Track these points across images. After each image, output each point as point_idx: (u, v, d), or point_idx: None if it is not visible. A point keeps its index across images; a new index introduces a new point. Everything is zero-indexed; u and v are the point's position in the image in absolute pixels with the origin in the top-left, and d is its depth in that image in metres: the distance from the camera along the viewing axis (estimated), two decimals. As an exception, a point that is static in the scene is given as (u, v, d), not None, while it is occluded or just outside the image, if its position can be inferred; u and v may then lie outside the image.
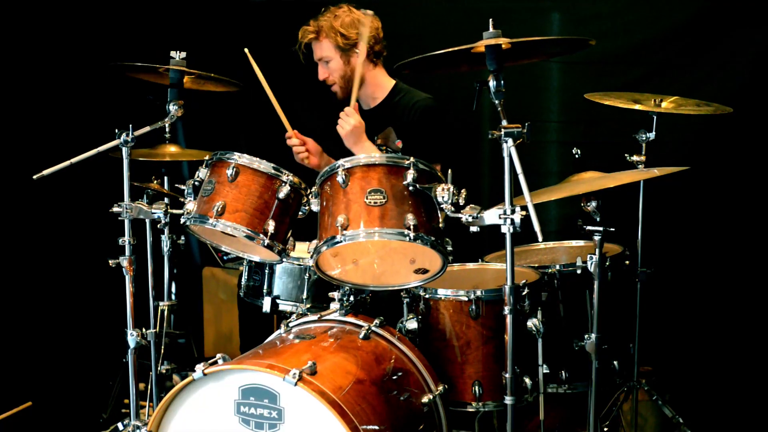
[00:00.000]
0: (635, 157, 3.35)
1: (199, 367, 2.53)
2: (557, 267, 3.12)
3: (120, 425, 3.15)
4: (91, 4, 4.17)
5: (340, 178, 2.63)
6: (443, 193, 2.59)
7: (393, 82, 3.66)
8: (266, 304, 3.23)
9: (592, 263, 2.66)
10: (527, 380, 2.89)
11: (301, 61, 3.61)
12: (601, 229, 2.67)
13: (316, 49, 3.59)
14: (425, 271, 2.77)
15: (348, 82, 3.57)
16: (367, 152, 3.37)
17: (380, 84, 3.64)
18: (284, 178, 2.78)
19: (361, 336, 2.80)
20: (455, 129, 3.68)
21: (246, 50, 3.42)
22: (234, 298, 4.28)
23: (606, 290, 2.71)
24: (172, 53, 3.07)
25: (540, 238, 2.37)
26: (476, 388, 2.90)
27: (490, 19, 2.59)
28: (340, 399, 2.43)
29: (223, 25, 4.48)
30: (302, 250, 2.91)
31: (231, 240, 2.93)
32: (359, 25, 3.51)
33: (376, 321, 2.90)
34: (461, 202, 2.62)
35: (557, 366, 3.06)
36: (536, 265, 3.18)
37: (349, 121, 3.42)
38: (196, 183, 2.87)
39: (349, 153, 3.42)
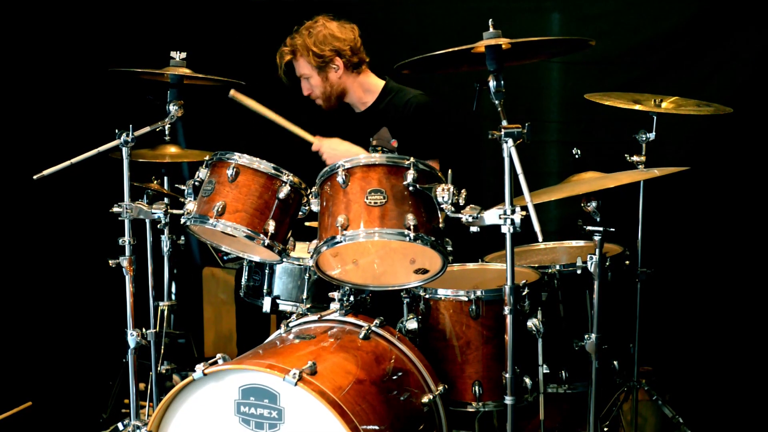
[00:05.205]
0: (635, 158, 3.35)
1: (199, 367, 2.53)
2: (557, 267, 3.12)
3: (120, 425, 3.15)
4: (92, 3, 4.17)
5: (340, 178, 2.63)
6: (443, 193, 2.59)
7: (382, 82, 3.66)
8: (266, 304, 3.24)
9: (592, 263, 2.66)
10: (527, 380, 2.89)
11: (284, 82, 3.62)
12: (601, 229, 2.68)
13: (296, 66, 3.62)
14: (425, 271, 2.77)
15: (328, 96, 3.60)
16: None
17: (368, 88, 3.65)
18: (284, 178, 2.78)
19: (361, 336, 2.80)
20: (450, 124, 3.67)
21: (232, 92, 3.42)
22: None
23: (606, 290, 2.71)
24: (172, 53, 3.08)
25: (540, 238, 2.36)
26: (476, 388, 2.90)
27: (490, 20, 2.59)
28: (340, 399, 2.43)
29: (223, 25, 4.48)
30: (302, 250, 2.91)
31: (231, 240, 2.93)
32: (333, 40, 3.51)
33: (376, 321, 2.90)
34: (461, 202, 2.62)
35: (557, 366, 3.06)
36: (536, 265, 3.18)
37: (324, 149, 3.48)
38: (196, 183, 2.87)
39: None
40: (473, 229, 2.58)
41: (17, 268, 4.01)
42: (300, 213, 2.83)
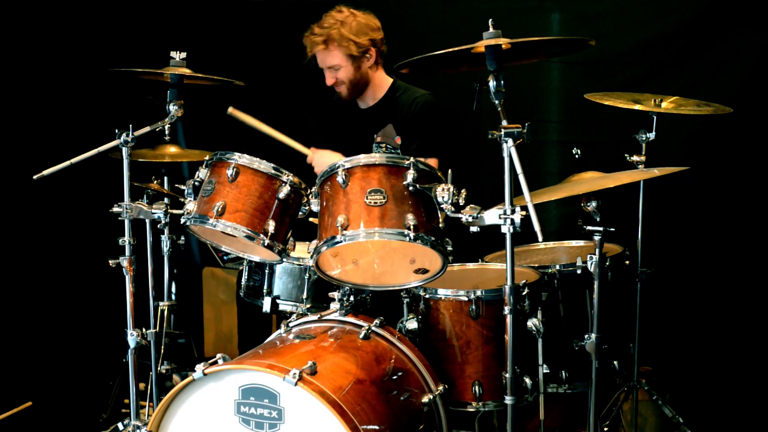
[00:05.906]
0: (635, 157, 3.35)
1: (199, 367, 2.53)
2: (557, 267, 3.12)
3: (120, 425, 3.16)
4: (92, 3, 4.17)
5: (340, 178, 2.63)
6: (443, 193, 2.59)
7: (391, 80, 3.66)
8: (266, 304, 3.24)
9: (592, 263, 2.66)
10: (527, 380, 2.89)
11: (306, 65, 3.60)
12: (601, 229, 2.68)
13: (324, 57, 3.53)
14: (425, 271, 2.77)
15: (356, 86, 3.57)
16: None
17: (380, 83, 3.65)
18: (284, 178, 2.78)
19: (361, 336, 2.80)
20: (454, 124, 3.68)
21: (230, 109, 3.45)
22: (234, 298, 4.28)
23: (606, 290, 2.71)
24: (172, 53, 3.08)
25: (540, 238, 2.37)
26: (476, 387, 2.90)
27: (490, 20, 2.59)
28: (340, 399, 2.43)
29: (223, 25, 4.48)
30: (302, 250, 2.91)
31: (231, 240, 2.93)
32: (369, 30, 3.50)
33: (376, 321, 2.90)
34: (461, 202, 2.62)
35: (557, 366, 3.06)
36: (536, 265, 3.18)
37: (315, 162, 3.49)
38: (196, 183, 2.87)
39: (349, 153, 3.41)
40: (473, 229, 2.58)
41: (17, 269, 4.01)
42: (300, 213, 2.83)
